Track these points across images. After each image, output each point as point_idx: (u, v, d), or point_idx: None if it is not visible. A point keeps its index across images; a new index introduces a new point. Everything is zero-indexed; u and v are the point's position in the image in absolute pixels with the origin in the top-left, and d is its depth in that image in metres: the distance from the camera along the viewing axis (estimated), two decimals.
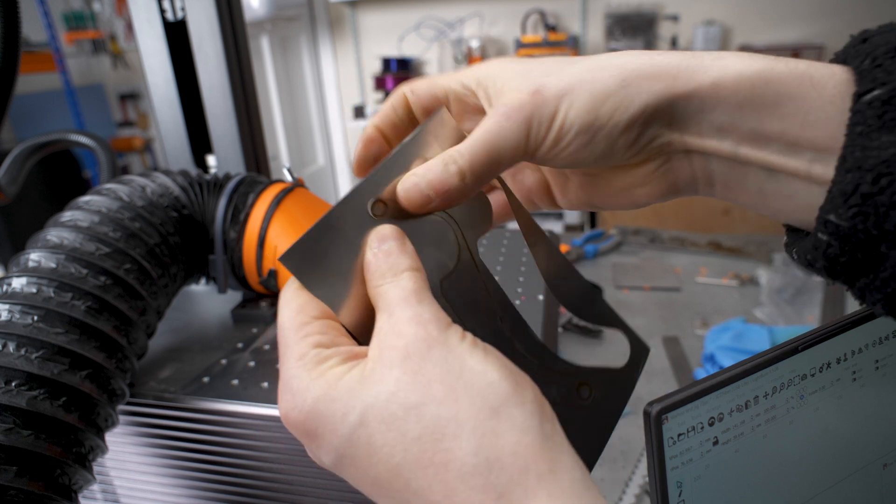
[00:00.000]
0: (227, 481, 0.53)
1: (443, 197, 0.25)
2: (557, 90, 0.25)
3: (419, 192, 0.25)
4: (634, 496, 1.37)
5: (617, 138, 0.25)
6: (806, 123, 0.23)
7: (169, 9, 0.73)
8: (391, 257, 0.24)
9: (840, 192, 0.22)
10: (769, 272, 2.31)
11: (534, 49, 2.77)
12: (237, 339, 0.61)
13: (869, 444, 0.29)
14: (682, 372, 1.98)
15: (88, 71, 3.53)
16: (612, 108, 0.24)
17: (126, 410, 0.53)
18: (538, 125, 0.25)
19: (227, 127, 0.77)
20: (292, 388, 0.23)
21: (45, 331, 0.43)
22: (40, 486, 0.39)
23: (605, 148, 0.25)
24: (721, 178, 0.26)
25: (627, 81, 0.24)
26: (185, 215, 0.58)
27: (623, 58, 0.25)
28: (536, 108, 0.25)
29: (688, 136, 0.25)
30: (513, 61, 0.27)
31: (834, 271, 0.23)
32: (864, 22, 2.69)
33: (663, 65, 0.24)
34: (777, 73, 0.23)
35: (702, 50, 2.14)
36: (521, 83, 0.26)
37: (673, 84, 0.24)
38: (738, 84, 0.23)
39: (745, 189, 0.26)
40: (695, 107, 0.24)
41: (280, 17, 2.96)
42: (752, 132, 0.24)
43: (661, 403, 0.24)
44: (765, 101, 0.23)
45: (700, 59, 0.24)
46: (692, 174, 0.27)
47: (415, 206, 0.25)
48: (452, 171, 0.25)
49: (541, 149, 0.26)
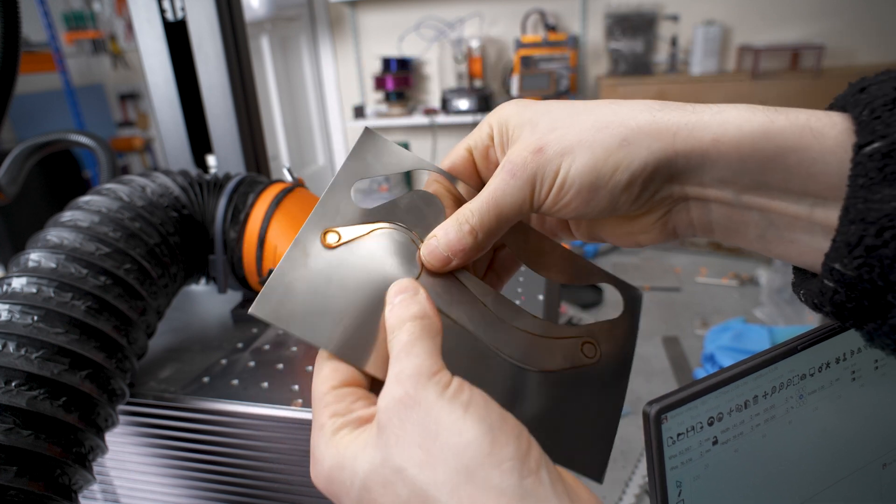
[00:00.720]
0: (227, 481, 0.53)
1: (460, 256, 0.28)
2: (560, 149, 0.26)
3: (439, 255, 0.28)
4: (634, 496, 1.37)
5: (619, 195, 0.26)
6: (808, 175, 0.23)
7: (169, 9, 0.73)
8: (398, 309, 0.26)
9: (844, 242, 0.22)
10: (769, 272, 2.31)
11: (534, 49, 2.77)
12: (237, 339, 0.61)
13: (868, 443, 0.29)
14: (682, 372, 1.98)
15: (88, 71, 3.53)
16: (612, 168, 0.25)
17: (126, 410, 0.53)
18: (541, 183, 0.27)
19: (227, 127, 0.77)
20: (315, 456, 0.25)
21: (45, 331, 0.43)
22: (40, 486, 0.39)
23: (607, 204, 0.27)
24: (720, 225, 0.27)
25: (628, 140, 0.25)
26: (185, 215, 0.58)
27: (625, 113, 0.26)
28: (539, 167, 0.26)
29: (688, 186, 0.26)
30: (525, 106, 0.29)
31: (842, 315, 0.24)
32: (864, 22, 2.69)
33: (663, 123, 0.25)
34: (777, 126, 0.24)
35: (702, 50, 2.15)
36: (527, 137, 0.27)
37: (673, 142, 0.25)
38: (740, 140, 0.24)
39: (745, 235, 0.26)
40: (695, 163, 0.25)
41: (280, 17, 2.96)
42: (753, 183, 0.25)
43: (661, 403, 0.24)
44: (766, 154, 0.24)
45: (700, 114, 0.25)
46: (690, 223, 0.28)
47: (438, 267, 0.28)
48: (465, 231, 0.27)
49: (545, 204, 0.27)
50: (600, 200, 0.26)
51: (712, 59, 2.75)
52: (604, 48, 2.94)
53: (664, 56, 2.87)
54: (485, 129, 0.30)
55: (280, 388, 0.52)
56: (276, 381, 0.53)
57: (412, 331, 0.25)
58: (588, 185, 0.26)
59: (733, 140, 0.24)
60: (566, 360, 0.29)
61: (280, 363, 0.56)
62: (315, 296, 0.27)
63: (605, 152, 0.25)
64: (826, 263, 0.23)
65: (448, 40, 3.04)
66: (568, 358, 0.29)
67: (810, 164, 0.23)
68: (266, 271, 0.61)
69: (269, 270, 0.61)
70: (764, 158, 0.24)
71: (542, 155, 0.26)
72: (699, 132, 0.25)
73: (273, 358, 0.57)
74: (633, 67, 2.86)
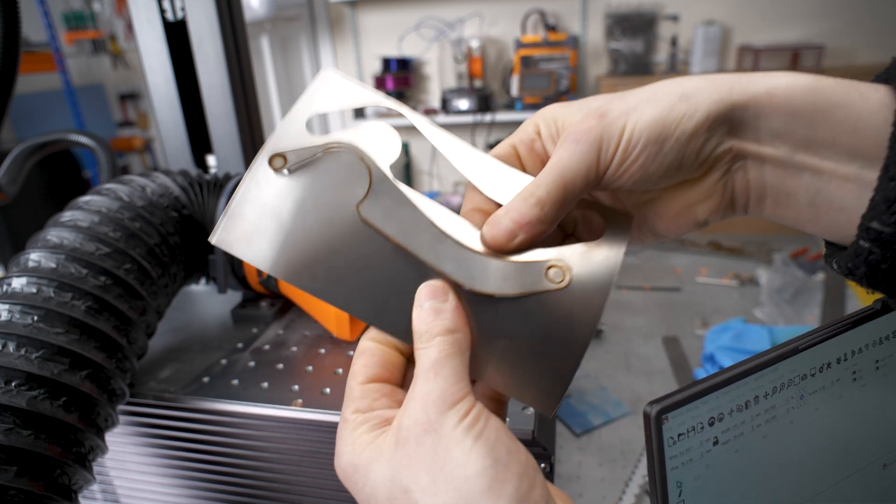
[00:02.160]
0: (227, 481, 0.53)
1: (525, 229, 0.27)
2: (622, 110, 0.26)
3: (504, 227, 0.27)
4: (634, 496, 1.37)
5: (685, 145, 0.26)
6: (855, 130, 0.24)
7: (169, 9, 0.73)
8: (428, 317, 0.26)
9: (883, 198, 0.22)
10: (769, 272, 2.31)
11: (534, 49, 2.77)
12: (237, 339, 0.61)
13: (869, 444, 0.29)
14: (682, 372, 1.98)
15: (88, 71, 3.53)
16: (678, 118, 0.26)
17: (126, 410, 0.53)
18: (607, 143, 0.26)
19: (227, 127, 0.77)
20: (337, 448, 0.26)
21: (45, 331, 0.43)
22: (40, 486, 0.39)
23: (674, 158, 0.26)
24: (773, 190, 0.27)
25: (688, 94, 0.26)
26: (185, 215, 0.58)
27: (678, 81, 0.27)
28: (605, 129, 0.26)
29: (746, 142, 0.26)
30: (570, 102, 0.29)
31: (875, 278, 0.24)
32: (864, 22, 2.69)
33: (717, 80, 0.26)
34: (825, 84, 0.25)
35: (702, 50, 2.15)
36: (584, 114, 0.27)
37: (729, 93, 0.26)
38: (791, 92, 0.25)
39: (796, 201, 0.26)
40: (751, 114, 0.26)
41: (280, 17, 2.95)
42: (805, 139, 0.25)
43: (661, 403, 0.24)
44: (816, 107, 0.24)
45: (750, 76, 0.26)
46: (747, 186, 0.28)
47: (502, 241, 0.27)
48: (531, 203, 0.26)
49: (611, 167, 0.27)
50: (667, 153, 0.26)
51: (712, 59, 2.75)
52: (604, 48, 2.94)
53: (664, 56, 2.87)
54: (530, 126, 0.30)
55: (280, 388, 0.52)
56: (276, 381, 0.53)
57: (442, 348, 0.25)
58: (655, 136, 0.26)
59: (785, 92, 0.25)
60: (526, 284, 0.27)
61: (280, 363, 0.56)
62: (264, 221, 0.27)
63: (669, 105, 0.26)
64: (863, 223, 0.23)
65: (448, 40, 3.04)
66: (529, 282, 0.27)
67: (856, 120, 0.24)
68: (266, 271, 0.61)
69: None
70: (813, 111, 0.24)
71: (605, 118, 0.26)
72: (753, 86, 0.26)
73: (273, 358, 0.57)
74: (633, 67, 2.86)
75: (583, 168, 0.26)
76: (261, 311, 0.65)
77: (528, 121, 0.30)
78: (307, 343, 0.60)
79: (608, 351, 2.09)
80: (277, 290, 0.64)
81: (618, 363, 1.97)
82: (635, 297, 2.42)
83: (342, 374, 0.54)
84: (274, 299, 0.66)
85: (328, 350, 0.58)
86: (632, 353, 2.02)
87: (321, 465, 0.50)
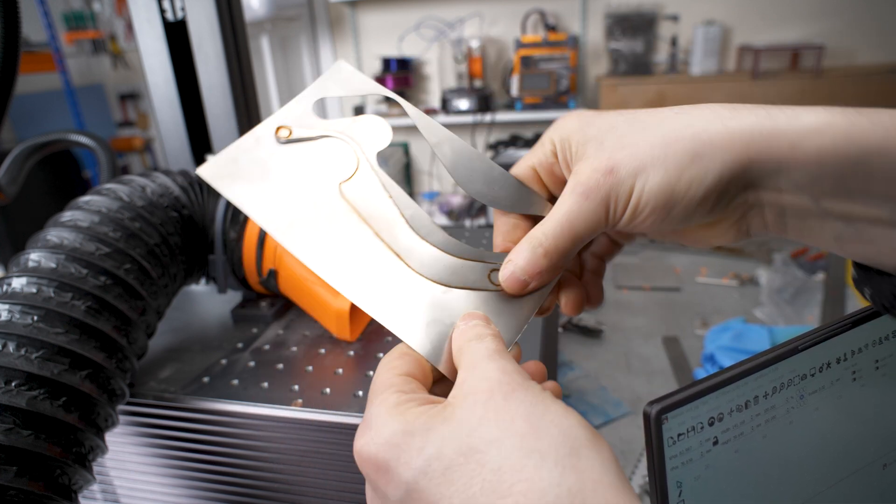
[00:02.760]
0: (227, 481, 0.53)
1: (536, 278, 0.29)
2: (632, 169, 0.26)
3: (516, 279, 0.29)
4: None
5: (694, 210, 0.26)
6: (891, 179, 0.22)
7: (169, 9, 0.73)
8: (478, 328, 0.27)
9: None
10: (769, 272, 2.31)
11: (534, 49, 2.77)
12: (237, 339, 0.61)
13: (869, 444, 0.29)
14: (682, 372, 1.98)
15: (88, 71, 3.53)
16: (687, 184, 0.25)
17: (126, 410, 0.53)
18: (615, 204, 0.26)
19: (227, 127, 0.77)
20: (370, 424, 0.24)
21: (45, 331, 0.43)
22: (40, 486, 0.39)
23: (682, 219, 0.27)
24: (795, 227, 0.26)
25: (700, 155, 0.25)
26: (185, 215, 0.58)
27: (695, 124, 0.25)
28: (612, 189, 0.26)
29: (764, 193, 0.25)
30: (587, 122, 0.28)
31: None
32: (864, 22, 2.69)
33: (736, 131, 0.24)
34: (860, 129, 0.23)
35: (702, 50, 2.11)
36: (595, 154, 0.27)
37: (747, 151, 0.24)
38: (819, 145, 0.23)
39: (821, 236, 0.26)
40: (771, 169, 0.24)
41: (280, 17, 2.95)
42: (833, 189, 0.24)
43: (661, 403, 0.24)
44: (848, 157, 0.23)
45: (775, 119, 0.24)
46: (764, 224, 0.27)
47: (516, 290, 0.29)
48: (539, 254, 0.28)
49: (619, 224, 0.27)
50: (676, 215, 0.26)
51: (712, 59, 2.75)
52: (604, 48, 2.94)
53: (664, 56, 2.87)
54: (547, 145, 0.30)
55: (280, 388, 0.52)
56: (276, 381, 0.53)
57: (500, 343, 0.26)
58: (663, 203, 0.26)
59: (812, 145, 0.23)
60: (470, 283, 0.30)
61: (280, 363, 0.56)
62: (252, 169, 0.31)
63: (678, 169, 0.25)
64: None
65: (448, 40, 3.04)
66: (473, 281, 0.30)
67: (892, 168, 0.22)
68: (266, 271, 0.61)
69: (269, 270, 0.61)
70: (845, 162, 0.23)
71: (614, 176, 0.26)
72: (775, 139, 0.24)
73: (273, 358, 0.57)
74: (633, 67, 2.86)
75: (591, 223, 0.27)
76: (261, 311, 0.65)
77: (544, 137, 0.30)
78: (307, 343, 0.60)
79: (608, 351, 2.09)
80: (277, 290, 0.64)
81: (618, 363, 1.97)
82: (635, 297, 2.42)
83: (342, 374, 0.54)
84: (274, 299, 0.66)
85: (328, 350, 0.58)
86: (632, 353, 2.02)
87: (321, 465, 0.50)
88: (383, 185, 0.32)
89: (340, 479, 0.50)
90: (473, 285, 0.30)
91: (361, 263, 0.30)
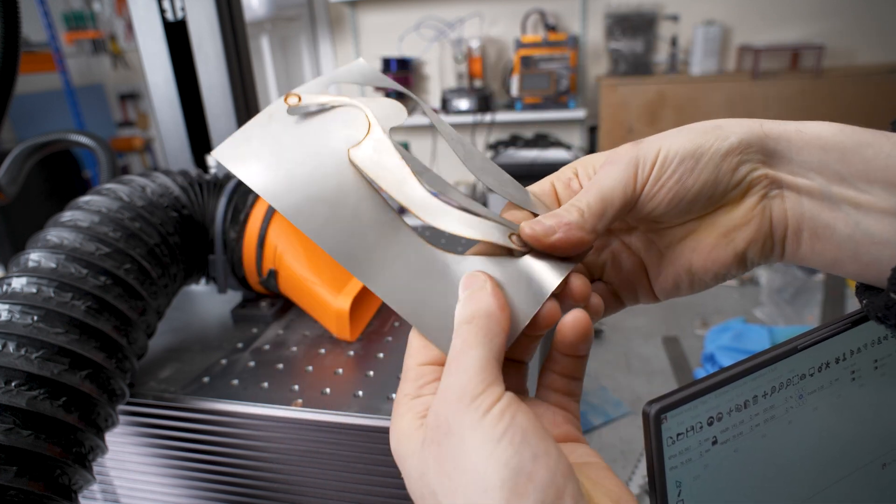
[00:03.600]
0: (227, 481, 0.53)
1: (564, 228, 0.27)
2: (656, 138, 0.28)
3: (542, 224, 0.27)
4: (634, 496, 1.36)
5: (720, 162, 0.27)
6: (887, 166, 0.25)
7: (169, 9, 0.73)
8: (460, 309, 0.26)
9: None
10: (769, 272, 2.31)
11: (534, 49, 2.77)
12: (237, 339, 0.61)
13: (868, 443, 0.29)
14: (682, 372, 1.98)
15: (88, 71, 3.53)
16: (711, 140, 0.27)
17: (126, 410, 0.53)
18: (643, 162, 0.28)
19: (227, 127, 0.77)
20: (391, 424, 0.27)
21: (45, 331, 0.43)
22: (40, 486, 0.39)
23: (710, 174, 0.27)
24: (811, 222, 0.27)
25: (720, 125, 0.28)
26: (185, 215, 0.58)
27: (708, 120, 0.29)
28: (640, 151, 0.28)
29: (781, 172, 0.28)
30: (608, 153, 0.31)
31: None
32: (864, 22, 2.69)
33: (747, 119, 0.28)
34: (851, 128, 0.26)
35: (702, 50, 2.15)
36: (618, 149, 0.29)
37: (760, 126, 0.28)
38: (820, 130, 0.27)
39: (835, 233, 0.27)
40: (783, 147, 0.27)
41: (280, 17, 2.95)
42: (839, 173, 0.26)
43: (661, 403, 0.24)
44: (845, 144, 0.26)
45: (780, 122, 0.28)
46: (784, 215, 0.28)
47: (539, 233, 0.28)
48: (572, 210, 0.28)
49: (648, 183, 0.28)
50: (703, 169, 0.27)
51: (712, 59, 2.75)
52: (604, 48, 2.94)
53: (664, 56, 2.87)
54: (568, 169, 0.32)
55: (280, 388, 0.52)
56: (276, 381, 0.53)
57: (465, 338, 0.24)
58: (690, 153, 0.27)
59: (814, 130, 0.27)
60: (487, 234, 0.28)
61: (280, 363, 0.56)
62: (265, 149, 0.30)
63: (702, 130, 0.28)
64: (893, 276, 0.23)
65: (448, 40, 3.04)
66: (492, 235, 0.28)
67: (886, 157, 0.25)
68: (266, 271, 0.61)
69: (269, 270, 0.61)
70: (843, 148, 0.26)
71: (640, 144, 0.28)
72: (783, 125, 0.27)
73: (273, 358, 0.57)
74: (633, 67, 2.86)
75: (620, 184, 0.28)
76: (261, 311, 0.65)
77: (566, 166, 0.32)
78: (307, 343, 0.60)
79: (608, 351, 2.09)
80: (277, 290, 0.64)
81: (618, 363, 1.97)
82: None
83: (342, 374, 0.54)
84: (274, 299, 0.66)
85: (328, 350, 0.58)
86: (632, 353, 2.02)
87: (321, 465, 0.50)
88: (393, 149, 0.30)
89: (340, 479, 0.50)
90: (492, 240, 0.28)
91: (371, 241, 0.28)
